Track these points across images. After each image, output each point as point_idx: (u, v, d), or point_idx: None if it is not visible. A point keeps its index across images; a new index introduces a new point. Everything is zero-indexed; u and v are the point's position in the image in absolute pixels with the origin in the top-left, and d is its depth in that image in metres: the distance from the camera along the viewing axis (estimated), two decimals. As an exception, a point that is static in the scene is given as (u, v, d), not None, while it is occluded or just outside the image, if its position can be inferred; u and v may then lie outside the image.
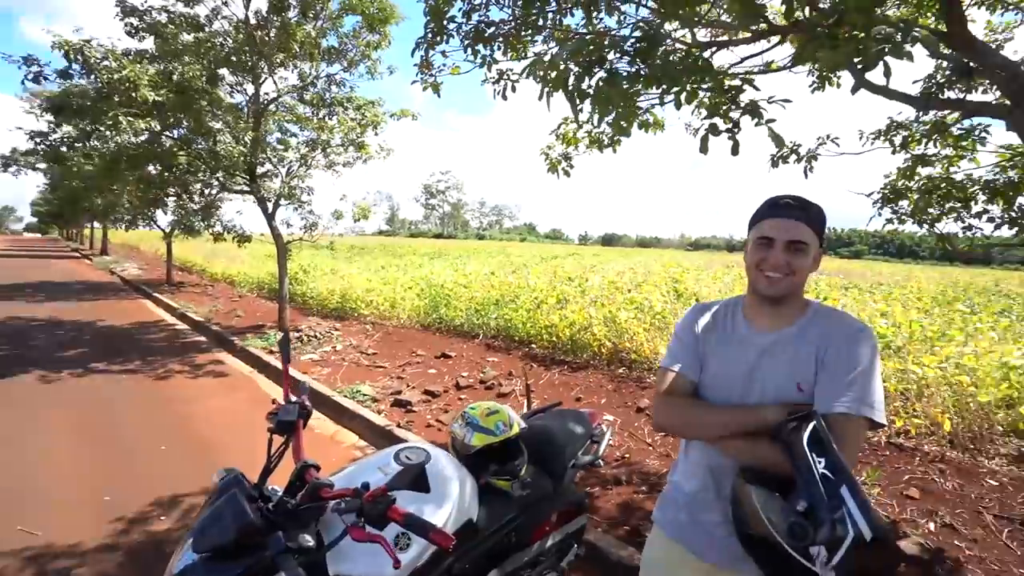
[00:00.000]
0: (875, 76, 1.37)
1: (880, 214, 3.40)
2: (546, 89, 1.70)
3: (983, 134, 3.26)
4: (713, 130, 1.69)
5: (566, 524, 2.26)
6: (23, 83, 6.40)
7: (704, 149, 1.69)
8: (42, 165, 19.13)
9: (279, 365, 3.50)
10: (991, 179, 3.15)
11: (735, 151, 1.76)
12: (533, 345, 6.95)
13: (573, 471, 2.21)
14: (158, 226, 14.68)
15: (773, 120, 1.60)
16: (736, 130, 1.71)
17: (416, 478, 1.34)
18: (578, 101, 1.66)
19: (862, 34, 1.32)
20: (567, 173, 3.87)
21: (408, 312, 8.50)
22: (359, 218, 8.31)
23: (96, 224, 30.04)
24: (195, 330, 8.89)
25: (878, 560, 0.87)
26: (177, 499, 3.28)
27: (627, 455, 3.80)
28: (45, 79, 6.47)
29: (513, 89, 3.02)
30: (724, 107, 1.64)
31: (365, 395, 4.86)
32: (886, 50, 1.25)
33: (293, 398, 1.58)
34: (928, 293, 13.05)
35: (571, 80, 1.67)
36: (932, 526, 2.93)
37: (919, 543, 2.68)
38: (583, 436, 2.29)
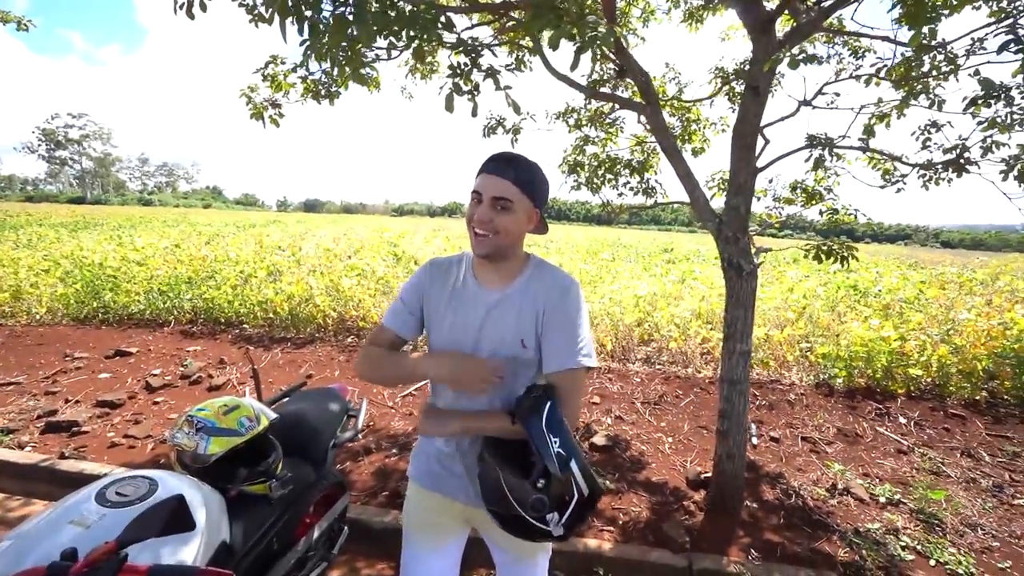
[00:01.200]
0: (557, 63, 1.62)
1: (567, 182, 4.15)
2: (272, 12, 1.41)
3: (622, 124, 4.30)
4: (457, 89, 1.73)
5: (329, 509, 2.11)
6: None
7: (450, 107, 1.72)
8: None
9: None
10: (630, 158, 4.19)
11: (475, 112, 1.86)
12: (245, 325, 6.08)
13: (334, 451, 2.06)
14: None
15: (510, 87, 1.74)
16: (476, 92, 1.80)
17: (174, 516, 0.95)
18: (302, 32, 1.43)
19: (577, 21, 1.54)
20: (275, 122, 3.38)
21: (48, 304, 6.24)
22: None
23: None
24: None
25: (590, 507, 1.14)
26: None
27: (372, 422, 3.76)
28: None
29: (203, 7, 2.41)
30: (467, 68, 1.70)
31: (-12, 427, 3.41)
32: (598, 38, 1.50)
33: None
34: (582, 247, 16.92)
35: (304, 8, 1.44)
36: (609, 420, 3.89)
37: (605, 435, 3.52)
38: (340, 413, 2.15)
